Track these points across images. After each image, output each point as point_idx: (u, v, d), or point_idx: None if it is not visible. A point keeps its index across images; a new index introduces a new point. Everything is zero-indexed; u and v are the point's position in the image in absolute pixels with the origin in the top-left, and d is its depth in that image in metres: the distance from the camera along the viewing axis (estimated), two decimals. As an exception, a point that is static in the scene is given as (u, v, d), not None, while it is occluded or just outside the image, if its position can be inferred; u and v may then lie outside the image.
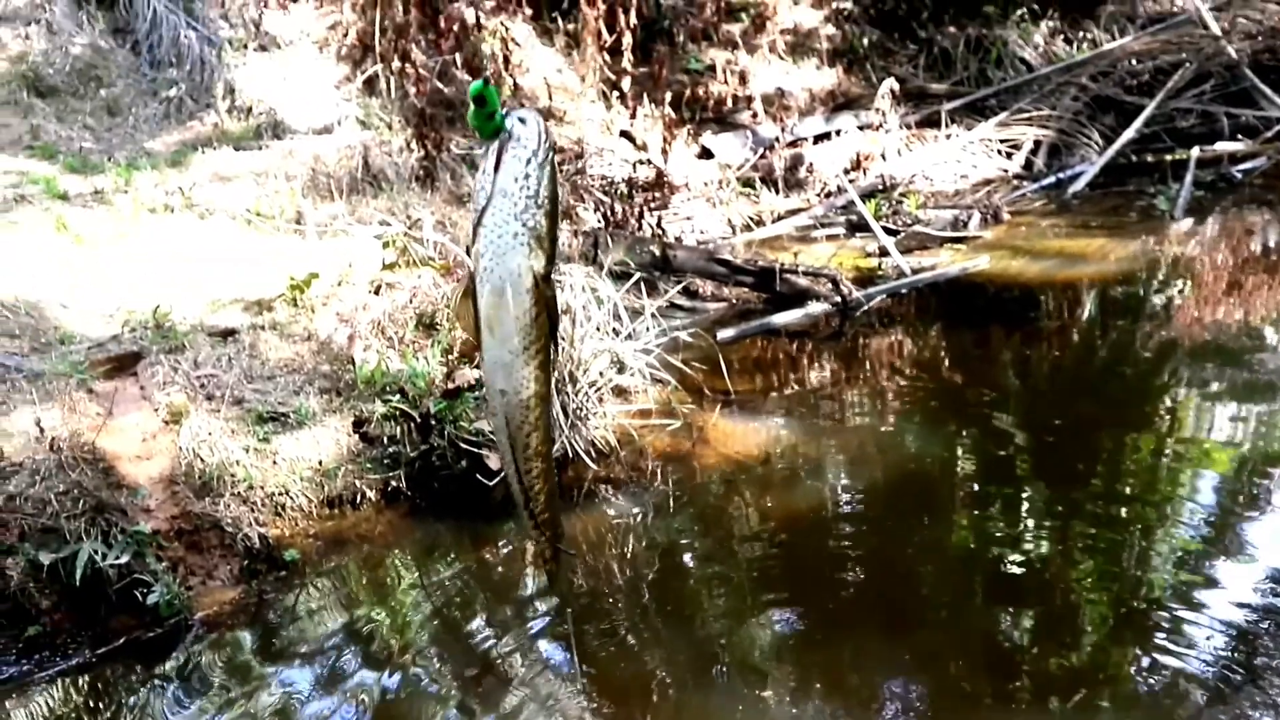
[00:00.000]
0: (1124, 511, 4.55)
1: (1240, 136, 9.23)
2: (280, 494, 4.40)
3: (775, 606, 3.95)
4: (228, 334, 5.26)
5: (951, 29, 10.59)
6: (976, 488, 4.84)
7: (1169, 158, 9.02)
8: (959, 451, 5.17)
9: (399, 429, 4.69)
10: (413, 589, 4.22)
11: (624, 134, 8.91)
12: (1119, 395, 5.63)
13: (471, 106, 1.63)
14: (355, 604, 4.09)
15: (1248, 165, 8.91)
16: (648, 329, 5.27)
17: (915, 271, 7.05)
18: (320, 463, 4.55)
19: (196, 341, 5.13)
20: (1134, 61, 10.10)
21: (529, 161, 1.63)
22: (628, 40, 8.96)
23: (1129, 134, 9.16)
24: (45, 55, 8.99)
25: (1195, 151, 8.86)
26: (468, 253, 1.58)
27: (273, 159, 7.93)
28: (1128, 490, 4.75)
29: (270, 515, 4.35)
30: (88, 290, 5.72)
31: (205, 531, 4.15)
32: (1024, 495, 4.75)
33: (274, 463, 4.49)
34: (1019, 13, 10.61)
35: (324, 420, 4.72)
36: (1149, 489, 4.78)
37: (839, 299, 6.55)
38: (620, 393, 5.20)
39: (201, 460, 4.33)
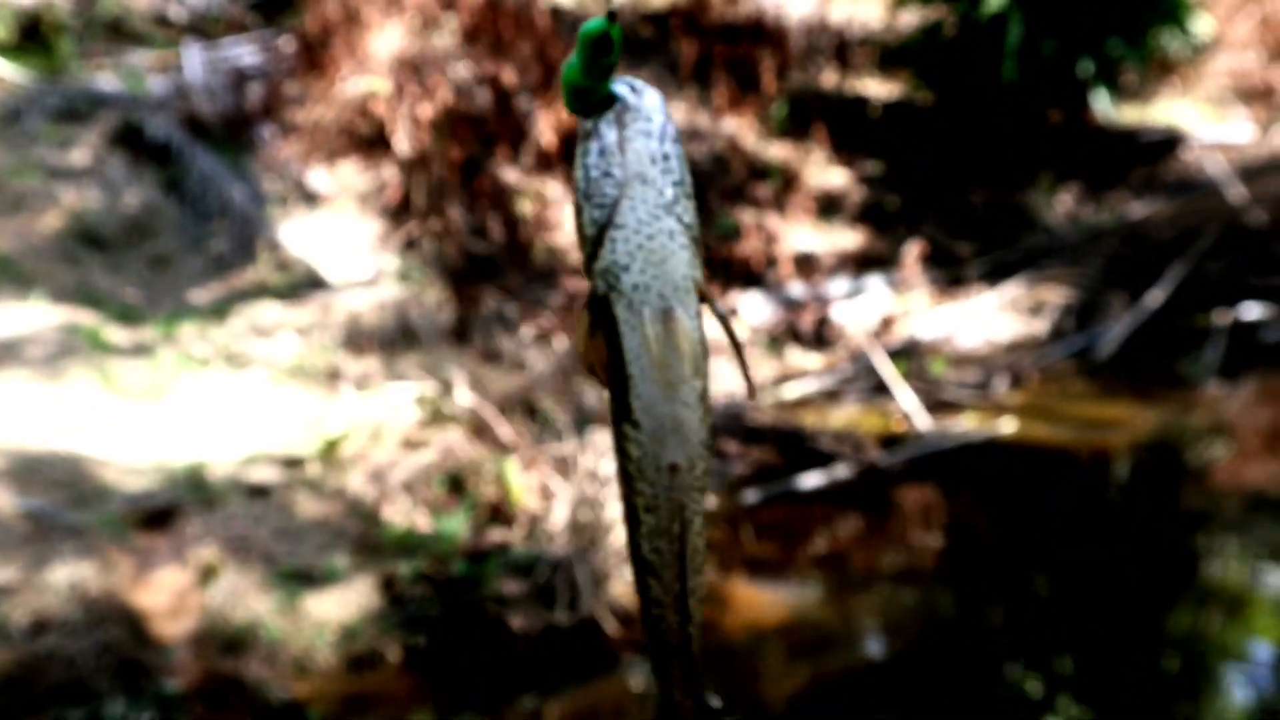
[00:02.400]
0: (1172, 682, 4.48)
1: (1269, 302, 9.32)
2: (305, 653, 4.41)
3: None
4: (261, 490, 5.35)
5: (978, 192, 10.86)
6: (1010, 657, 4.77)
7: (1196, 323, 9.11)
8: (989, 619, 5.12)
9: (425, 590, 4.71)
10: (433, 756, 4.19)
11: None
12: (1157, 560, 5.59)
13: (577, 59, 1.15)
14: (374, 771, 4.06)
15: (1276, 332, 8.97)
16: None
17: (940, 435, 7.09)
18: (345, 622, 4.57)
19: (230, 497, 5.21)
20: (1161, 227, 10.28)
21: (663, 138, 1.17)
22: (660, 202, 9.24)
23: (1156, 297, 9.27)
24: (99, 209, 9.37)
25: (1222, 316, 8.94)
26: (587, 272, 1.16)
27: (311, 313, 8.16)
28: (1175, 660, 4.68)
29: (294, 674, 4.35)
30: (128, 443, 5.85)
31: (229, 691, 4.15)
32: (1061, 665, 4.68)
33: (300, 622, 4.51)
34: (1045, 177, 10.88)
35: (351, 579, 4.75)
36: (1196, 658, 4.71)
37: (863, 463, 6.58)
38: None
39: (229, 619, 4.36)
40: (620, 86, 1.19)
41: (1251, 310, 9.10)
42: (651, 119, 1.17)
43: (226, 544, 4.83)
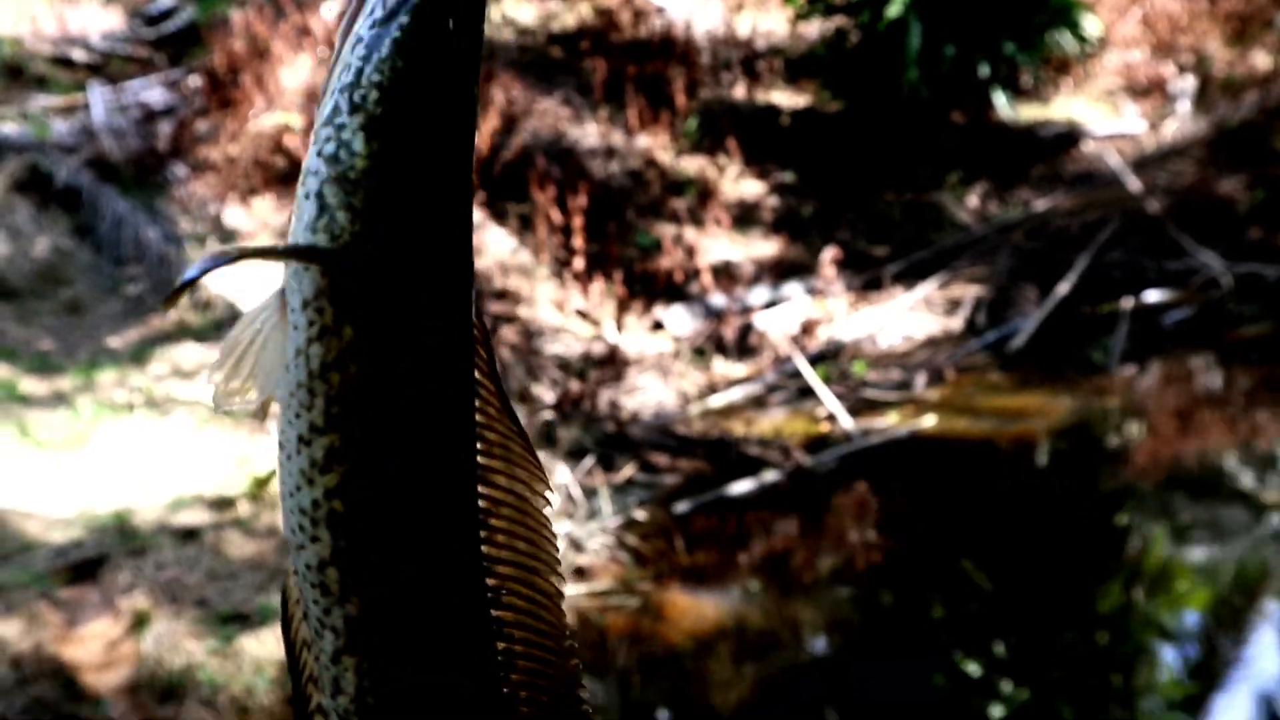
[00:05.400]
0: (1103, 657, 4.64)
1: (1169, 287, 9.67)
2: (244, 695, 4.40)
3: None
4: (190, 533, 5.32)
5: (889, 195, 11.11)
6: (948, 645, 4.91)
7: (1103, 310, 9.41)
8: (925, 610, 5.26)
9: (362, 622, 4.73)
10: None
11: (578, 312, 9.19)
12: (1083, 542, 5.78)
13: None
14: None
15: (1178, 315, 9.31)
16: (603, 509, 5.38)
17: (864, 435, 7.25)
18: (284, 661, 4.57)
19: (159, 543, 5.17)
20: (1064, 219, 10.61)
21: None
22: (578, 220, 9.34)
23: (1063, 288, 9.57)
24: (6, 258, 9.21)
25: (1127, 303, 9.25)
26: None
27: (234, 351, 8.10)
28: (1105, 635, 4.85)
29: (235, 717, 4.34)
30: (50, 495, 5.77)
31: (168, 740, 4.13)
32: (999, 648, 4.83)
33: (238, 663, 4.50)
34: (952, 177, 11.17)
35: (287, 617, 4.75)
36: (1125, 633, 4.88)
37: (791, 467, 6.71)
38: (578, 573, 5.27)
39: (164, 665, 4.34)
40: None
41: (1153, 295, 9.44)
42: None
43: (158, 590, 4.80)
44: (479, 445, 0.67)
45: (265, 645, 4.61)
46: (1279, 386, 8.10)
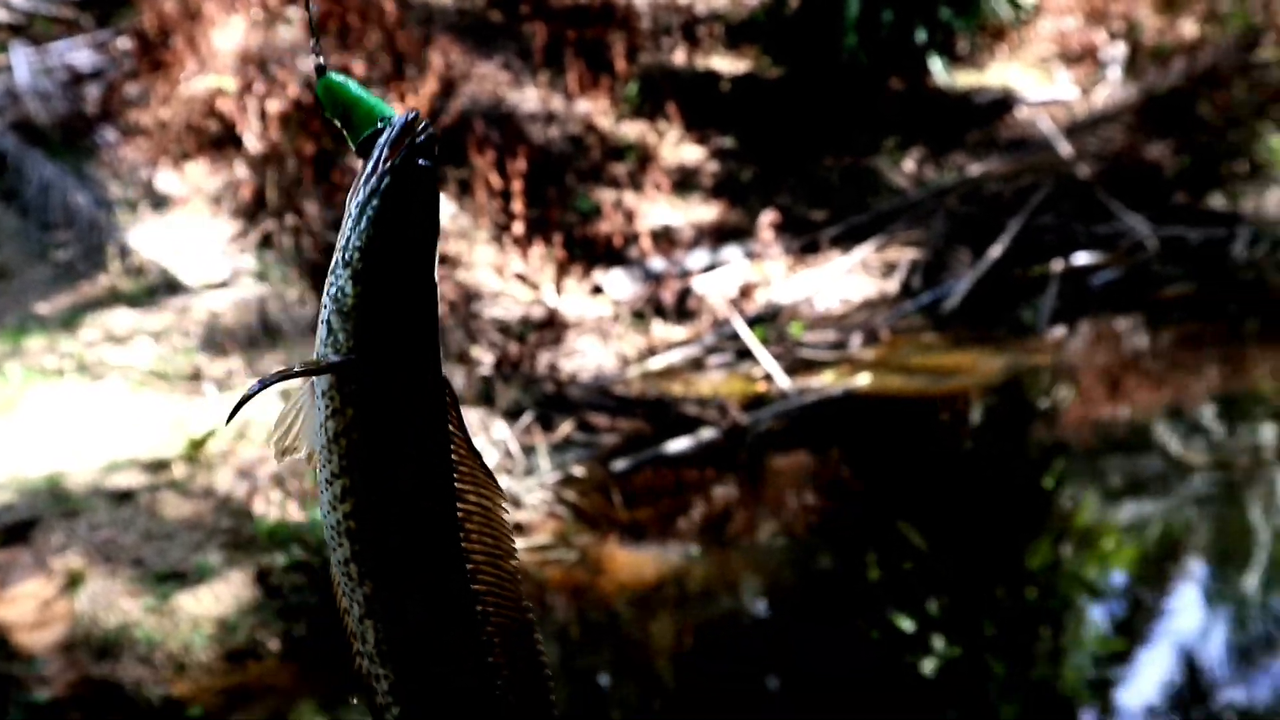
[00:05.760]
0: (1032, 612, 4.77)
1: (1097, 249, 9.88)
2: (182, 651, 4.40)
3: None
4: (125, 495, 5.28)
5: (827, 160, 11.21)
6: (882, 599, 5.03)
7: (1034, 272, 9.60)
8: (860, 566, 5.37)
9: (301, 579, 4.74)
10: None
11: (517, 276, 9.19)
12: (1013, 498, 5.93)
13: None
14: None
15: (1106, 276, 9.53)
16: (541, 466, 5.43)
17: (801, 393, 7.36)
18: (222, 617, 4.57)
19: (93, 505, 5.13)
20: (997, 184, 10.78)
21: (359, 188, 0.97)
22: (517, 185, 9.32)
23: (996, 251, 9.73)
24: (-67, 224, 9.00)
25: (1057, 265, 9.45)
26: None
27: (168, 317, 8.00)
28: (1034, 591, 4.98)
29: (172, 673, 4.34)
30: (-20, 459, 5.69)
31: (105, 695, 4.13)
32: (932, 603, 4.95)
33: (175, 621, 4.49)
34: (889, 142, 11.29)
35: (225, 575, 4.75)
36: (1054, 589, 5.03)
37: (728, 425, 6.80)
38: (516, 529, 5.31)
39: (100, 623, 4.32)
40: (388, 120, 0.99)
41: (1082, 258, 9.64)
42: (370, 163, 0.96)
43: (92, 551, 4.77)
44: (455, 475, 0.98)
45: (202, 603, 4.61)
46: (1201, 344, 8.33)
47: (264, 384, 0.99)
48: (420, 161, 0.92)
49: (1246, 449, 6.34)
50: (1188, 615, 4.68)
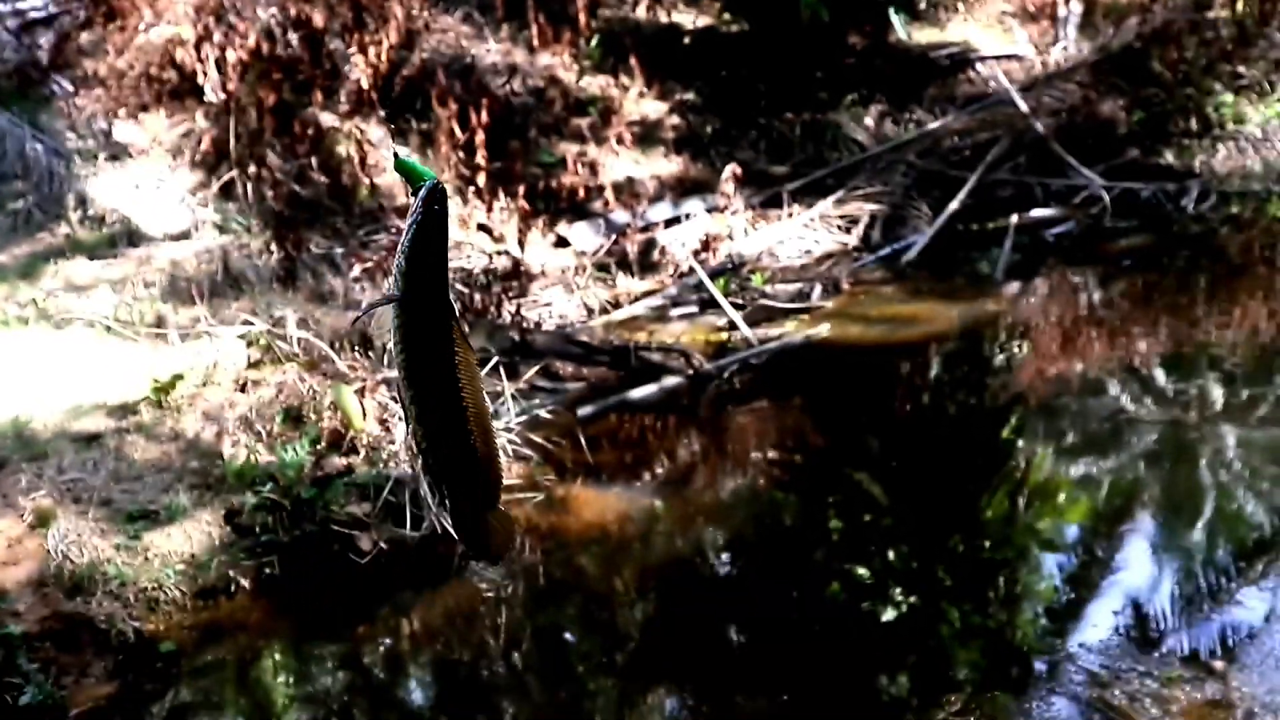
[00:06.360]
0: (987, 562, 4.92)
1: (1053, 203, 10.06)
2: (154, 588, 4.46)
3: (651, 670, 4.17)
4: (92, 438, 5.30)
5: (788, 115, 11.28)
6: (840, 547, 5.16)
7: (991, 225, 9.76)
8: (819, 511, 5.50)
9: (271, 518, 4.80)
10: (288, 674, 4.32)
11: (481, 227, 9.20)
12: (969, 449, 6.07)
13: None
14: (232, 693, 4.17)
15: (1060, 229, 9.71)
16: (508, 409, 5.50)
17: (763, 342, 7.48)
18: (193, 555, 4.63)
19: (60, 447, 5.16)
20: (956, 139, 10.91)
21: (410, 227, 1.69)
22: (480, 137, 9.32)
23: (954, 205, 9.88)
24: (-115, 175, 8.87)
25: (1013, 219, 9.61)
26: None
27: (129, 267, 7.97)
28: (989, 542, 5.13)
29: (144, 610, 4.40)
30: (-57, 404, 5.68)
31: (77, 630, 4.19)
32: (889, 552, 5.08)
33: (146, 559, 4.55)
34: (850, 98, 11.37)
35: (195, 514, 4.80)
36: (1009, 539, 5.17)
37: (691, 372, 6.91)
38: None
39: (71, 561, 4.37)
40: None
41: (1038, 212, 9.82)
42: (415, 204, 1.62)
43: (60, 492, 4.80)
44: (455, 348, 1.60)
45: (173, 541, 4.67)
46: (1151, 295, 8.53)
47: (371, 306, 1.76)
48: (435, 207, 1.59)
49: (1195, 401, 6.52)
50: (1138, 566, 4.83)
